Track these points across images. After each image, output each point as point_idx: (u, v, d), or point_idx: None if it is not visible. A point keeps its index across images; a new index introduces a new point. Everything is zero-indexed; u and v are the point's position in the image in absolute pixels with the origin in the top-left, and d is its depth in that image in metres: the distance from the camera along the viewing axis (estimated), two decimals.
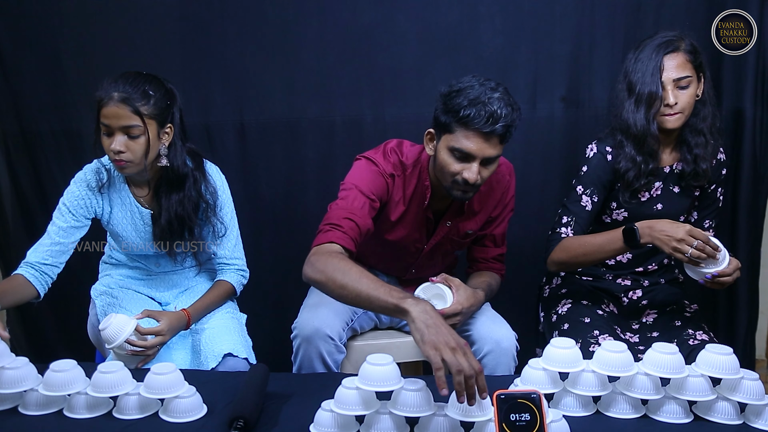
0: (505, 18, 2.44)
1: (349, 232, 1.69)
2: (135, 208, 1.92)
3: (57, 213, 1.88)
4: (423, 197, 1.87)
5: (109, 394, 1.44)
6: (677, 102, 1.84)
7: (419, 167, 1.87)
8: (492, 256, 2.04)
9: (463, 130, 1.68)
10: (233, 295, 2.00)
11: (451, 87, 1.71)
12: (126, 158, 1.77)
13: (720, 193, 2.05)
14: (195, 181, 1.89)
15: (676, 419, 1.42)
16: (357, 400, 1.34)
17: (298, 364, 1.81)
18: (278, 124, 2.51)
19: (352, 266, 1.57)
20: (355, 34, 2.45)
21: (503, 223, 2.03)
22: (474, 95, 1.66)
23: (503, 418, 1.25)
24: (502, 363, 1.83)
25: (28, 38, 2.47)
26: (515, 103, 1.70)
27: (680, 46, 1.85)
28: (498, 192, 1.97)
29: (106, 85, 1.76)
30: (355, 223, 1.70)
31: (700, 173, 1.93)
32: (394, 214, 1.88)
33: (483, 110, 1.64)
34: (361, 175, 1.82)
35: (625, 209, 1.98)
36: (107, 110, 1.74)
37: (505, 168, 1.98)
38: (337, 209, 1.74)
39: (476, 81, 1.69)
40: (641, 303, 2.08)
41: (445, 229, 1.95)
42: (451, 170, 1.72)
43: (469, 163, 1.70)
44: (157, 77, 1.83)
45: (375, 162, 1.84)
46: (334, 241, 1.66)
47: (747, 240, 2.43)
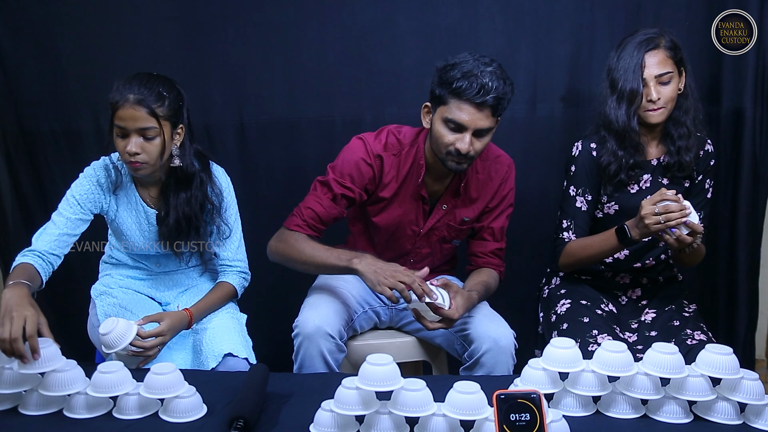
0: (505, 18, 2.44)
1: (308, 220, 1.92)
2: (141, 208, 1.92)
3: (64, 204, 1.86)
4: (418, 175, 1.94)
5: (109, 394, 1.44)
6: (660, 97, 1.89)
7: (416, 146, 1.95)
8: (490, 250, 2.05)
9: (457, 102, 1.77)
10: (234, 297, 2.01)
11: (446, 61, 1.82)
12: (141, 160, 1.77)
13: (709, 184, 2.07)
14: (201, 183, 1.90)
15: (676, 419, 1.42)
16: (357, 400, 1.34)
17: (299, 362, 1.82)
18: (278, 124, 2.51)
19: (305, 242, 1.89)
20: (355, 34, 2.45)
21: (502, 216, 2.04)
22: (467, 68, 1.77)
23: (503, 418, 1.25)
24: (501, 361, 1.84)
25: (28, 38, 2.47)
26: (508, 78, 1.80)
27: (660, 43, 1.90)
28: (496, 181, 2.01)
29: (120, 87, 1.75)
30: (315, 213, 1.91)
31: (684, 164, 1.98)
32: (387, 192, 1.95)
33: (475, 82, 1.74)
34: (344, 161, 1.94)
35: (616, 202, 2.01)
36: (123, 112, 1.74)
37: (505, 160, 2.03)
38: (311, 195, 1.95)
39: (471, 56, 1.80)
40: (640, 302, 2.08)
41: (441, 212, 1.99)
42: (445, 141, 1.82)
43: (462, 133, 1.79)
44: (168, 78, 1.83)
45: (365, 143, 1.94)
46: (293, 229, 1.91)
47: (747, 240, 2.43)
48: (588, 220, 2.03)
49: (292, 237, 1.91)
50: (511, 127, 2.45)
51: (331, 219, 1.95)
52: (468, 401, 1.32)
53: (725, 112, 2.42)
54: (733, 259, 2.45)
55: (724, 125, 2.42)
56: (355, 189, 1.93)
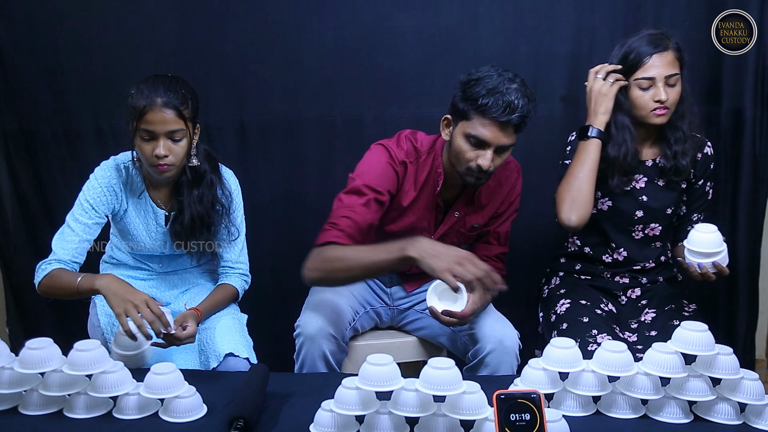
0: (505, 18, 2.44)
1: (346, 229, 1.76)
2: (150, 208, 1.92)
3: (79, 210, 1.85)
4: (435, 183, 1.92)
5: (109, 394, 1.44)
6: (668, 98, 1.89)
7: (433, 154, 1.92)
8: (495, 254, 2.04)
9: (480, 118, 1.73)
10: (236, 299, 2.01)
11: (470, 75, 1.78)
12: (169, 162, 1.77)
13: (709, 187, 2.07)
14: (211, 183, 1.90)
15: (676, 419, 1.42)
16: (357, 400, 1.34)
17: (301, 362, 1.82)
18: (278, 124, 2.51)
19: (345, 249, 1.72)
20: (355, 34, 2.45)
21: (507, 221, 2.05)
22: (492, 85, 1.72)
23: (503, 418, 1.25)
24: (505, 361, 1.84)
25: (28, 38, 2.47)
26: (532, 94, 1.77)
27: (669, 44, 1.91)
28: (506, 188, 2.00)
29: (144, 90, 1.74)
30: (352, 221, 1.77)
31: (681, 169, 1.98)
32: (406, 200, 1.91)
33: (501, 100, 1.70)
34: (370, 166, 1.87)
35: (609, 198, 2.02)
36: (152, 116, 1.73)
37: (514, 166, 2.02)
38: (340, 207, 1.81)
39: (495, 71, 1.76)
40: (640, 302, 2.08)
41: (453, 219, 1.98)
42: (467, 157, 1.78)
43: (484, 150, 1.76)
44: (183, 78, 1.84)
45: (389, 149, 1.89)
46: (332, 241, 1.74)
47: (747, 240, 2.43)
48: None
49: (331, 250, 1.73)
50: None
51: (367, 226, 1.82)
52: (468, 401, 1.32)
53: (725, 112, 2.42)
54: (733, 259, 2.44)
55: (724, 125, 2.42)
56: (385, 193, 1.84)
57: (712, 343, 1.41)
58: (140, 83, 1.77)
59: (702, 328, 1.42)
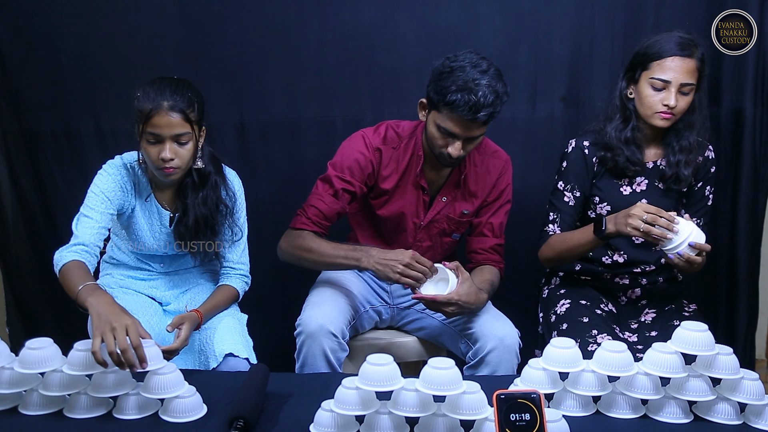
0: (505, 18, 2.44)
1: (313, 218, 1.95)
2: (155, 209, 1.92)
3: (94, 200, 1.80)
4: (417, 165, 1.97)
5: (109, 394, 1.44)
6: (677, 105, 1.88)
7: (414, 139, 1.99)
8: (490, 246, 2.06)
9: (449, 113, 1.80)
10: (236, 300, 2.01)
11: (443, 65, 1.82)
12: (175, 165, 1.76)
13: (709, 191, 2.06)
14: (216, 184, 1.90)
15: (676, 419, 1.42)
16: (357, 400, 1.34)
17: (301, 361, 1.83)
18: (278, 124, 2.52)
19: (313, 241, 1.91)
20: (355, 34, 2.45)
21: (500, 212, 2.06)
22: (462, 81, 1.76)
23: (503, 418, 1.25)
24: (506, 360, 1.85)
25: (28, 38, 2.47)
26: (504, 86, 1.80)
27: (695, 53, 1.89)
28: (494, 175, 2.04)
29: (150, 93, 1.73)
30: (319, 210, 1.95)
31: (682, 178, 1.98)
32: (388, 184, 1.99)
33: (468, 98, 1.75)
34: (343, 156, 1.98)
35: (608, 203, 2.01)
36: (159, 120, 1.72)
37: (502, 155, 2.07)
38: (314, 193, 1.99)
39: (468, 62, 1.79)
40: (640, 302, 2.08)
41: (441, 204, 2.01)
42: (438, 143, 1.87)
43: (454, 140, 1.83)
44: (188, 80, 1.83)
45: (364, 137, 1.99)
46: (299, 227, 1.95)
47: (747, 240, 2.42)
48: (575, 216, 2.04)
49: (299, 236, 1.94)
50: (511, 126, 2.45)
51: (335, 215, 1.97)
52: (468, 401, 1.32)
53: (725, 112, 2.42)
54: (733, 259, 2.45)
55: (724, 125, 2.42)
56: (355, 183, 1.96)
57: (712, 343, 1.41)
58: (146, 86, 1.76)
59: (702, 328, 1.42)
